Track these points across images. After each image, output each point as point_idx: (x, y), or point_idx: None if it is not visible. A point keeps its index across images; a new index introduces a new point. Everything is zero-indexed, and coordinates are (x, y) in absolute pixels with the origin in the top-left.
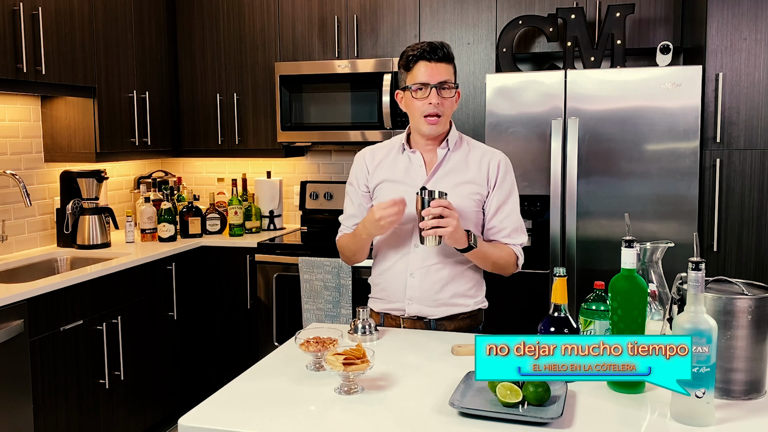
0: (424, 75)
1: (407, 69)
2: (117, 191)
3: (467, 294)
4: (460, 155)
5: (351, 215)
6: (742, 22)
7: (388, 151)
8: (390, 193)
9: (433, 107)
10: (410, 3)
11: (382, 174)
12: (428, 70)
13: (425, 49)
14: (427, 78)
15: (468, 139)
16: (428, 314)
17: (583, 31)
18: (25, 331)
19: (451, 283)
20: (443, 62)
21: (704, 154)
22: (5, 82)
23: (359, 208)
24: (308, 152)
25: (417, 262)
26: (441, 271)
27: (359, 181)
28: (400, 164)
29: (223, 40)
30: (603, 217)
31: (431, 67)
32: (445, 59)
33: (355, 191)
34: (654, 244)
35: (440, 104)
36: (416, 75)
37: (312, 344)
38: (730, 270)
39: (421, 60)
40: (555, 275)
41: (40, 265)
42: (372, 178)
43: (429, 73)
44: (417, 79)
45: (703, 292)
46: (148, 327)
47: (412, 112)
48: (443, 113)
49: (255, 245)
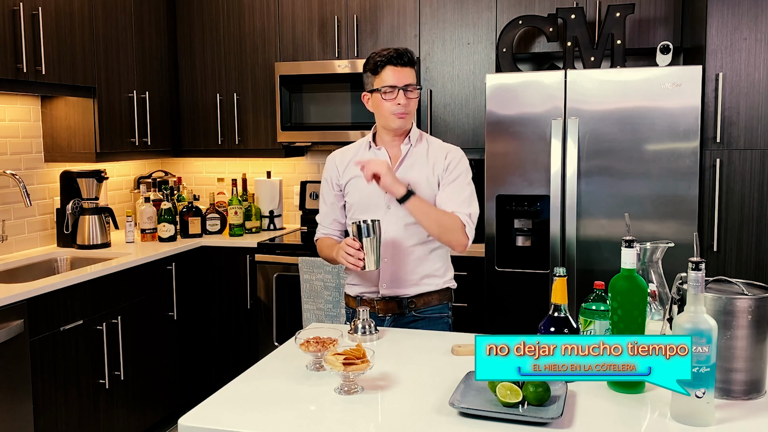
0: (392, 78)
1: (375, 73)
2: (117, 191)
3: (436, 274)
4: (421, 149)
5: (324, 214)
6: (742, 22)
7: (356, 150)
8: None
9: (402, 107)
10: (410, 3)
11: (351, 171)
12: (395, 74)
13: (392, 54)
14: (394, 81)
15: (427, 136)
16: (401, 294)
17: (583, 31)
18: (25, 331)
19: (420, 265)
20: (408, 66)
21: (704, 154)
22: (5, 82)
23: (332, 207)
24: (308, 152)
25: (388, 249)
26: (410, 255)
27: (332, 181)
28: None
29: (223, 40)
30: (603, 217)
31: (398, 71)
32: (409, 64)
33: (328, 191)
34: (654, 244)
35: (407, 104)
36: (384, 78)
37: (312, 344)
38: (730, 270)
39: (388, 65)
40: (555, 275)
41: (40, 265)
42: (342, 176)
43: (396, 77)
44: (385, 82)
45: (703, 292)
46: (148, 327)
47: (381, 111)
48: (409, 111)
49: (255, 245)
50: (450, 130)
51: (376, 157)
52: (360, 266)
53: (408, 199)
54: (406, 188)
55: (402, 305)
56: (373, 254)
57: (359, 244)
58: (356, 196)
